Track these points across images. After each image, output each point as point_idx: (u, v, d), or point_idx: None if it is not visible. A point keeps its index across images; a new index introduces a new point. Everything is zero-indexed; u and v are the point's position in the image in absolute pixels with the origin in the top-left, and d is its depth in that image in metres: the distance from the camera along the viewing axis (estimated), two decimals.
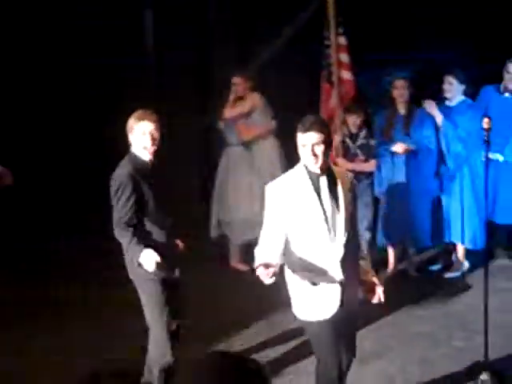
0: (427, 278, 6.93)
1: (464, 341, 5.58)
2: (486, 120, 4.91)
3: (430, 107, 6.63)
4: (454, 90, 6.66)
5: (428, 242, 6.98)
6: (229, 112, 6.99)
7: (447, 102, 6.74)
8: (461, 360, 5.22)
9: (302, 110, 6.69)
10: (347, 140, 6.93)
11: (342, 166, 6.73)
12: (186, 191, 7.54)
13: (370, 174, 6.93)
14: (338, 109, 6.91)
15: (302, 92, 7.56)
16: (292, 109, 6.93)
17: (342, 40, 6.90)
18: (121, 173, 4.50)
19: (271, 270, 3.72)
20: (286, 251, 4.02)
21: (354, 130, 6.91)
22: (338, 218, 3.95)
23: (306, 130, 3.88)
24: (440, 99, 6.74)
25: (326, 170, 3.97)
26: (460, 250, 6.93)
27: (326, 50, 6.95)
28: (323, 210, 3.92)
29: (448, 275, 6.93)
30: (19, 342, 5.66)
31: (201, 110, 8.32)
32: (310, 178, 3.94)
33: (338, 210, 3.96)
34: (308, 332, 4.18)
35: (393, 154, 6.72)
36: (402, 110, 6.79)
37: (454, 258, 7.01)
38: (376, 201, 7.00)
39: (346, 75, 6.94)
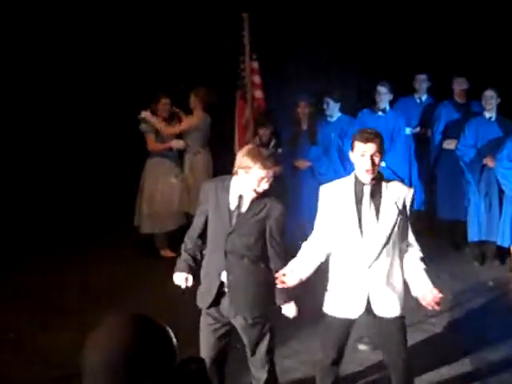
0: None
1: None
2: None
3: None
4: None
5: None
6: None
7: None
8: None
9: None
10: None
11: None
12: None
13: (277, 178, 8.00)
14: (251, 122, 8.04)
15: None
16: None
17: (255, 64, 8.12)
18: None
19: (294, 277, 4.14)
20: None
21: (264, 141, 8.02)
22: (376, 228, 4.16)
23: (367, 141, 4.11)
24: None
25: (375, 179, 4.19)
26: None
27: (241, 73, 8.14)
28: (359, 217, 4.16)
29: None
30: None
31: None
32: (355, 186, 4.19)
33: (378, 219, 4.16)
34: (323, 321, 4.45)
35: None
36: (304, 124, 7.99)
37: None
38: None
39: (258, 94, 8.12)
